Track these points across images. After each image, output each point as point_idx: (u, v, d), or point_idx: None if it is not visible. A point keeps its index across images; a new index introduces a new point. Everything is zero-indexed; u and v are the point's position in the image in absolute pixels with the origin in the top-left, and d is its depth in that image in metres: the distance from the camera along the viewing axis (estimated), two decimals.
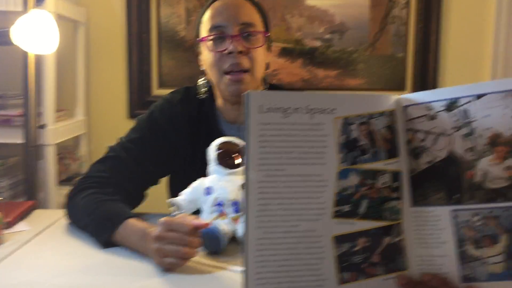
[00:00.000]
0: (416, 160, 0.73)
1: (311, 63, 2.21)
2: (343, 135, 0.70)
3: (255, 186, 0.67)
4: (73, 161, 2.06)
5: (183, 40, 2.20)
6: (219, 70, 1.16)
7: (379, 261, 0.72)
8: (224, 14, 1.15)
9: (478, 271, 0.71)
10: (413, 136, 0.73)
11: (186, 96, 1.27)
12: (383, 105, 0.72)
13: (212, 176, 1.08)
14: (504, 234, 0.70)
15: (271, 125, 0.67)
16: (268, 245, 0.68)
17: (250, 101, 0.66)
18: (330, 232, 0.70)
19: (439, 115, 0.72)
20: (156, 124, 1.23)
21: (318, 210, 0.69)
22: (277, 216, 0.68)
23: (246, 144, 0.66)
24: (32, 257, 0.97)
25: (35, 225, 1.15)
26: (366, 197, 0.71)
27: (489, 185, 0.70)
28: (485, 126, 0.70)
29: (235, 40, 1.13)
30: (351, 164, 0.70)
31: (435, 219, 0.72)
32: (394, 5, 2.17)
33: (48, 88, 1.79)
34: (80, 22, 2.08)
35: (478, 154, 0.71)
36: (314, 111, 0.68)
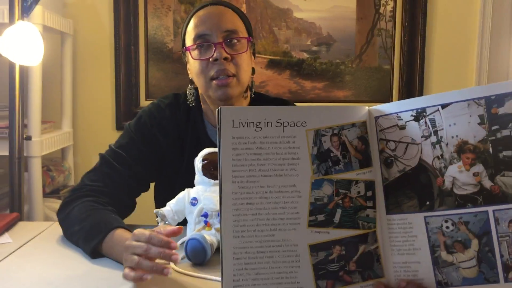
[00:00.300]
0: (388, 169, 0.74)
1: (298, 75, 2.23)
2: (315, 146, 0.71)
3: (229, 197, 0.69)
4: (60, 173, 2.04)
5: (171, 52, 2.20)
6: (205, 77, 1.17)
7: (356, 269, 0.73)
8: (207, 23, 1.17)
9: (452, 276, 0.72)
10: (384, 146, 0.75)
11: (174, 102, 1.29)
12: (354, 117, 0.74)
13: (197, 187, 1.07)
14: (475, 239, 0.71)
15: (244, 138, 0.70)
16: (244, 254, 0.69)
17: (222, 116, 0.69)
18: (305, 241, 0.71)
19: (408, 124, 0.74)
20: (145, 128, 1.24)
21: (293, 220, 0.71)
22: (253, 226, 0.70)
23: (219, 157, 0.68)
24: (15, 269, 0.96)
25: (19, 238, 1.13)
26: (340, 207, 0.72)
27: (458, 191, 0.72)
28: (452, 134, 0.72)
29: (220, 47, 1.15)
30: (324, 175, 0.72)
31: (409, 226, 0.74)
32: (380, 18, 2.19)
33: (33, 100, 1.78)
34: (66, 34, 2.08)
35: (447, 161, 0.72)
36: (286, 124, 0.70)
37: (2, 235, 1.15)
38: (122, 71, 2.19)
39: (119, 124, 2.21)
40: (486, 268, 0.71)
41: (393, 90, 2.22)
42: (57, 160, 2.11)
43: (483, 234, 0.71)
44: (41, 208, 1.82)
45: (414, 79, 2.20)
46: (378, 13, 2.19)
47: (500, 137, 0.71)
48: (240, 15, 1.23)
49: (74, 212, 1.09)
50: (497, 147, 0.71)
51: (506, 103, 0.70)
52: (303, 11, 2.21)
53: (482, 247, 0.71)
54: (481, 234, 0.71)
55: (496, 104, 0.71)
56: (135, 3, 2.16)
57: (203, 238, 0.98)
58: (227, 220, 0.69)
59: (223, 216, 0.69)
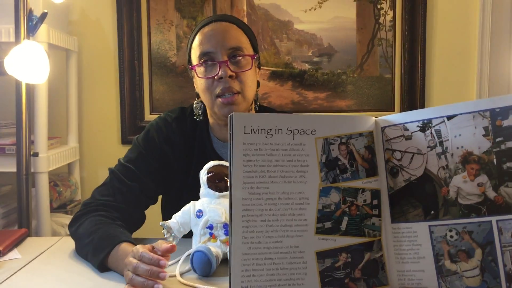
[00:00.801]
0: (394, 179, 0.76)
1: (300, 86, 2.25)
2: (323, 154, 0.73)
3: (239, 203, 0.70)
4: (66, 188, 2.06)
5: (174, 65, 2.23)
6: (211, 94, 1.19)
7: (361, 276, 0.74)
8: (212, 41, 1.19)
9: (455, 285, 0.73)
10: (390, 156, 0.76)
11: (181, 115, 1.31)
12: (362, 126, 0.75)
13: (202, 199, 1.09)
14: (478, 249, 0.72)
15: (255, 145, 0.70)
16: (252, 260, 0.70)
17: (234, 122, 0.70)
18: (312, 248, 0.72)
19: (414, 135, 0.75)
20: (153, 142, 1.26)
21: (301, 227, 0.72)
22: (261, 232, 0.71)
23: (230, 163, 0.69)
24: (24, 285, 0.97)
25: (27, 253, 1.15)
26: (346, 214, 0.73)
27: (463, 201, 0.73)
28: (457, 145, 0.73)
29: (224, 65, 1.17)
30: (332, 183, 0.73)
31: (413, 235, 0.74)
32: (380, 28, 2.22)
33: (40, 117, 1.80)
34: (71, 50, 2.11)
35: (452, 171, 0.73)
36: (296, 132, 0.71)
37: (11, 251, 1.17)
38: (127, 86, 2.22)
39: (124, 138, 2.24)
40: (489, 277, 0.72)
41: (395, 99, 2.23)
42: (64, 175, 2.14)
43: (487, 244, 0.72)
44: (48, 223, 1.84)
45: (415, 87, 2.21)
46: (378, 23, 2.21)
47: (504, 148, 0.72)
48: (244, 30, 1.24)
49: (84, 225, 1.12)
50: (501, 159, 0.72)
51: (510, 116, 0.72)
52: (303, 22, 2.23)
53: (486, 256, 0.72)
54: (485, 243, 0.72)
55: (500, 117, 0.72)
56: (138, 19, 2.20)
57: (209, 250, 1.00)
58: (236, 226, 0.70)
59: (233, 222, 0.70)
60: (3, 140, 1.80)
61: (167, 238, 1.08)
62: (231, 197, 0.70)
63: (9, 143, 1.77)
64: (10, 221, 1.83)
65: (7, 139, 1.79)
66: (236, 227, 0.70)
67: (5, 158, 1.77)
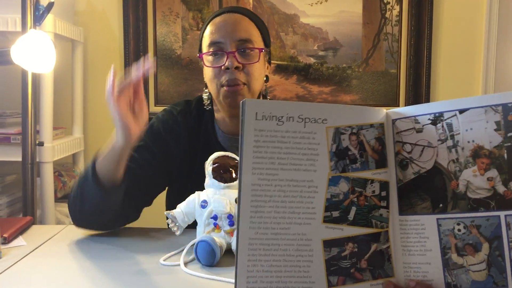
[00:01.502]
0: (403, 171, 0.76)
1: (305, 80, 2.25)
2: (334, 144, 0.73)
3: (248, 189, 0.70)
4: (71, 178, 2.07)
5: (179, 58, 2.23)
6: (217, 84, 1.20)
7: (367, 266, 0.74)
8: (222, 31, 1.19)
9: (461, 279, 0.73)
10: (400, 148, 0.76)
11: (186, 108, 1.31)
12: (373, 118, 0.75)
13: (207, 190, 1.09)
14: (486, 243, 0.72)
15: (266, 131, 0.71)
16: (259, 245, 0.70)
17: (246, 108, 0.70)
18: (319, 236, 0.72)
19: (425, 128, 0.75)
20: (157, 133, 1.27)
21: (308, 215, 0.72)
22: (269, 218, 0.71)
23: (241, 149, 0.70)
24: (29, 271, 0.98)
25: (32, 241, 1.16)
26: (355, 204, 0.73)
27: (472, 195, 0.73)
28: (468, 139, 0.73)
29: (232, 56, 1.17)
30: (341, 172, 0.73)
31: (421, 228, 0.74)
32: (386, 22, 2.21)
33: (45, 106, 1.81)
34: (77, 41, 2.12)
35: (462, 165, 0.73)
36: (307, 120, 0.71)
37: (16, 238, 1.17)
38: None
39: None
40: (495, 272, 0.72)
41: (400, 94, 2.23)
42: (68, 165, 2.15)
43: (494, 238, 0.72)
44: (53, 212, 1.85)
45: (420, 83, 2.21)
46: (384, 17, 2.21)
47: None
48: (256, 23, 1.24)
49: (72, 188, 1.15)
50: None
51: None
52: (309, 16, 2.23)
53: (493, 251, 0.72)
54: (492, 238, 0.72)
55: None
56: (144, 10, 2.20)
57: (213, 240, 1.00)
58: (244, 211, 0.70)
59: (241, 207, 0.70)
60: (9, 129, 1.80)
61: (172, 228, 1.08)
62: (241, 182, 0.70)
63: (14, 132, 1.78)
64: (15, 210, 1.84)
65: (13, 129, 1.80)
66: (244, 212, 0.70)
67: (11, 148, 1.78)
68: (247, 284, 0.70)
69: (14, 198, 1.85)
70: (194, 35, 2.22)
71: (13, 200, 1.85)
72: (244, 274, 0.70)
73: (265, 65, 1.26)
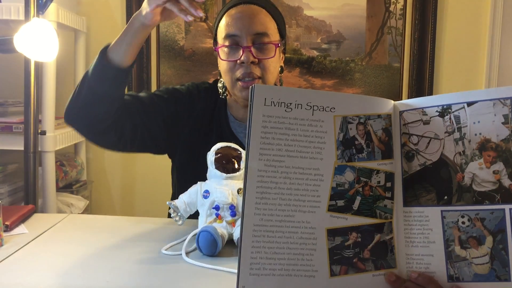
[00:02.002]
0: (409, 163, 0.76)
1: (308, 73, 2.24)
2: (341, 132, 0.73)
3: (254, 174, 0.70)
4: (72, 168, 2.07)
5: (182, 49, 2.22)
6: (232, 77, 1.20)
7: (369, 257, 0.74)
8: (238, 24, 1.18)
9: (464, 271, 0.73)
10: (407, 140, 0.76)
11: (212, 88, 1.32)
12: (380, 108, 0.75)
13: (209, 180, 1.09)
14: (489, 236, 0.72)
15: (274, 118, 0.71)
16: (263, 232, 0.71)
17: (255, 93, 0.70)
18: (323, 224, 0.72)
19: (433, 120, 0.75)
20: (177, 93, 1.28)
21: (313, 203, 0.72)
22: (274, 205, 0.71)
23: (248, 134, 0.70)
24: (30, 259, 0.98)
25: (34, 229, 1.16)
26: (360, 194, 0.73)
27: (477, 188, 0.73)
28: (475, 131, 0.73)
29: (247, 51, 1.17)
30: (348, 161, 0.73)
31: (425, 219, 0.74)
32: (390, 16, 2.20)
33: (48, 96, 1.81)
34: (80, 31, 2.11)
35: (468, 158, 0.73)
36: (315, 108, 0.71)
37: (18, 226, 1.18)
38: (134, 68, 2.21)
39: None
40: (498, 265, 0.72)
41: (403, 88, 2.22)
42: (70, 155, 2.15)
43: (498, 232, 0.72)
44: (54, 202, 1.86)
45: (424, 77, 2.20)
46: (389, 11, 2.20)
47: None
48: (273, 15, 1.23)
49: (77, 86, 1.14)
50: None
51: None
52: (313, 9, 2.22)
53: (496, 244, 0.72)
54: (496, 231, 0.72)
55: None
56: None
57: (215, 230, 1.00)
58: (250, 197, 0.70)
59: (247, 193, 0.70)
60: (11, 118, 1.80)
61: (174, 218, 1.08)
62: (247, 168, 0.70)
63: (16, 121, 1.78)
64: (16, 199, 1.84)
65: (15, 118, 1.80)
66: (249, 197, 0.70)
67: (13, 136, 1.78)
68: (250, 270, 0.70)
69: (16, 187, 1.85)
70: (197, 26, 2.21)
71: (15, 189, 1.85)
72: (247, 261, 0.70)
73: (280, 56, 1.26)
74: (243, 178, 0.71)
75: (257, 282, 0.70)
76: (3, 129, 1.78)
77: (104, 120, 1.12)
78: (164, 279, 0.89)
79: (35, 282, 0.87)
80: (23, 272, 0.91)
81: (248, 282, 0.70)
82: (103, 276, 0.90)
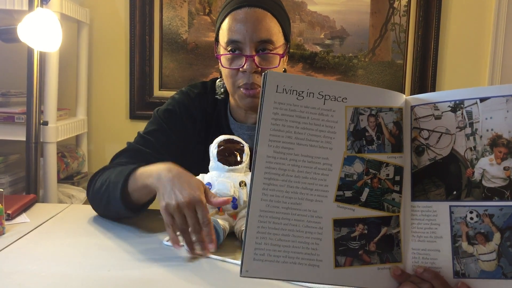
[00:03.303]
0: (419, 157, 0.75)
1: (311, 68, 2.24)
2: (352, 123, 0.73)
3: (263, 160, 0.70)
4: (74, 160, 2.07)
5: (185, 42, 2.22)
6: (233, 83, 1.16)
7: (375, 250, 0.73)
8: (242, 30, 1.12)
9: (470, 268, 0.72)
10: (417, 135, 0.76)
11: (203, 91, 1.30)
12: (392, 102, 0.75)
13: (211, 173, 1.09)
14: (497, 233, 0.72)
15: (285, 105, 0.71)
16: (270, 218, 0.70)
17: (268, 80, 0.70)
18: (330, 215, 0.72)
19: (444, 115, 0.75)
20: (174, 116, 1.25)
21: (321, 192, 0.72)
22: (281, 192, 0.71)
23: (259, 120, 0.70)
24: (32, 247, 0.98)
25: (36, 218, 1.16)
26: (368, 186, 0.73)
27: (487, 183, 0.72)
28: (487, 127, 0.73)
29: (251, 60, 1.12)
30: (357, 153, 0.73)
31: (433, 214, 0.74)
32: (394, 13, 2.19)
33: (50, 87, 1.81)
34: (83, 22, 2.11)
35: (479, 153, 0.73)
36: (327, 97, 0.71)
37: (20, 215, 1.18)
38: (137, 60, 2.21)
39: (132, 113, 2.24)
40: (505, 263, 0.71)
41: (406, 85, 2.22)
42: (71, 147, 2.15)
43: (506, 229, 0.71)
44: (55, 193, 1.86)
45: (427, 74, 2.20)
46: (393, 7, 2.19)
47: None
48: (278, 17, 1.17)
49: (99, 180, 1.13)
50: None
51: None
52: (317, 4, 2.21)
53: (504, 241, 0.71)
54: (505, 228, 0.71)
55: None
56: None
57: (216, 223, 1.00)
58: (257, 183, 0.70)
59: (254, 178, 0.70)
60: (13, 108, 1.80)
61: None
62: (256, 153, 0.70)
63: (18, 111, 1.78)
64: (17, 189, 1.84)
65: (17, 108, 1.80)
66: (257, 183, 0.70)
67: (14, 127, 1.77)
68: (254, 256, 0.70)
69: (17, 177, 1.86)
70: (201, 19, 2.21)
71: (16, 180, 1.85)
72: (252, 246, 0.70)
73: (284, 60, 1.21)
74: (252, 163, 0.71)
75: (261, 268, 0.70)
76: (5, 120, 1.78)
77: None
78: (165, 270, 0.89)
79: (36, 270, 0.87)
80: (25, 260, 0.91)
81: (252, 267, 0.70)
82: (104, 265, 0.90)
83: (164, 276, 0.86)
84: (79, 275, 0.86)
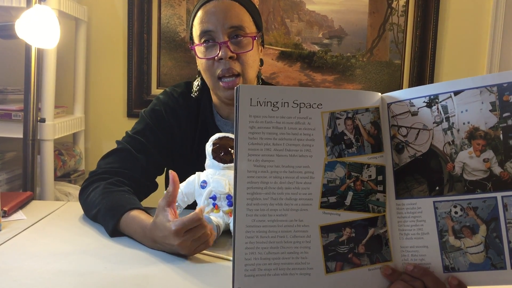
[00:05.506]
0: (399, 155, 0.76)
1: (309, 67, 2.24)
2: (329, 129, 0.73)
3: (244, 176, 0.70)
4: (71, 157, 2.07)
5: (183, 41, 2.22)
6: (212, 75, 1.19)
7: (364, 251, 0.74)
8: (212, 19, 1.17)
9: (459, 261, 0.73)
10: (396, 132, 0.76)
11: (187, 91, 1.31)
12: (368, 102, 0.75)
13: (207, 170, 1.09)
14: (483, 225, 0.72)
15: (261, 117, 0.70)
16: (256, 233, 0.70)
17: (240, 94, 0.70)
18: (317, 222, 0.72)
19: (420, 111, 0.75)
20: (160, 115, 1.26)
21: (305, 201, 0.72)
22: (266, 205, 0.70)
23: (236, 135, 0.69)
24: (28, 244, 0.99)
25: (32, 215, 1.16)
26: (351, 189, 0.73)
27: (468, 177, 0.73)
28: (464, 120, 0.73)
29: (225, 46, 1.15)
30: (338, 157, 0.73)
31: (418, 211, 0.74)
32: (392, 13, 2.20)
33: (48, 83, 1.81)
34: (81, 20, 2.11)
35: (458, 147, 0.73)
36: (302, 105, 0.71)
37: (16, 212, 1.18)
38: (135, 59, 2.21)
39: (130, 111, 2.24)
40: (493, 254, 0.72)
41: (403, 85, 2.22)
42: (68, 144, 2.15)
43: (491, 220, 0.72)
44: (52, 190, 1.86)
45: (424, 74, 2.20)
46: (391, 7, 2.19)
47: (510, 124, 0.71)
48: (247, 7, 1.21)
49: (90, 197, 1.12)
50: (508, 134, 0.71)
51: None
52: (315, 3, 2.21)
53: (490, 232, 0.72)
54: (489, 219, 0.72)
55: (508, 92, 0.71)
56: None
57: (211, 221, 1.00)
58: (241, 198, 0.69)
59: (238, 194, 0.70)
60: (10, 105, 1.80)
61: None
62: (236, 169, 0.70)
63: (15, 109, 1.77)
64: (14, 187, 1.84)
65: (14, 105, 1.80)
66: (240, 199, 0.69)
67: (11, 124, 1.77)
68: (245, 271, 0.70)
69: (14, 175, 1.85)
70: None
71: (13, 177, 1.85)
72: (242, 262, 0.70)
73: (258, 49, 1.25)
74: (233, 179, 0.70)
75: (253, 283, 0.70)
76: (2, 117, 1.78)
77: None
78: (161, 267, 0.89)
79: (33, 267, 0.87)
80: (21, 257, 0.91)
81: (244, 283, 0.70)
82: (101, 262, 0.90)
83: (160, 273, 0.87)
84: (76, 272, 0.86)
